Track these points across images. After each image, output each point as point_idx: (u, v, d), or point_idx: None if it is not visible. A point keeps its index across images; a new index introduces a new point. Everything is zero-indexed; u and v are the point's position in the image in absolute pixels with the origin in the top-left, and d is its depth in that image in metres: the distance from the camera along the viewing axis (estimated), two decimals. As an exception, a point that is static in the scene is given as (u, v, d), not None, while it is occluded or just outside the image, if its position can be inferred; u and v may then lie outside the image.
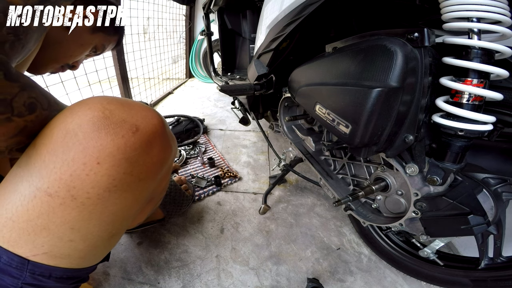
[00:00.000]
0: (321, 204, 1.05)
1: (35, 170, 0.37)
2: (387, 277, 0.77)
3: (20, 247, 0.37)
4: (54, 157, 0.36)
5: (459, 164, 0.46)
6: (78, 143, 0.36)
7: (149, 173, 0.43)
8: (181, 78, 2.94)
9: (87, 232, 0.40)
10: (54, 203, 0.36)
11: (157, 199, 0.64)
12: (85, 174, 0.36)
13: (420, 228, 0.55)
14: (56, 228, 0.38)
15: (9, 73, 0.31)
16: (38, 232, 0.37)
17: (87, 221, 0.39)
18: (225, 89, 0.90)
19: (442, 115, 0.44)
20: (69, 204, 0.37)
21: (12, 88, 0.32)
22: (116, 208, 0.41)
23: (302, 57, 0.73)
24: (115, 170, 0.38)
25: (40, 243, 0.38)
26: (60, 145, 0.36)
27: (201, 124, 1.59)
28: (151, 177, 0.44)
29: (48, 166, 0.36)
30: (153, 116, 0.43)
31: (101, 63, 1.47)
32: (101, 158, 0.36)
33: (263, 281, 0.74)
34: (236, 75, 1.51)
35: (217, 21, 1.50)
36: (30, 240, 0.37)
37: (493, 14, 0.37)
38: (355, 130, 0.48)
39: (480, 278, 0.59)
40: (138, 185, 0.42)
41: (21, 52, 0.35)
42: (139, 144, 0.39)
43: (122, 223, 0.46)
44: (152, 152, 0.42)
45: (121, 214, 0.43)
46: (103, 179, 0.37)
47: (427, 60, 0.42)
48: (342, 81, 0.52)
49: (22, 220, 0.37)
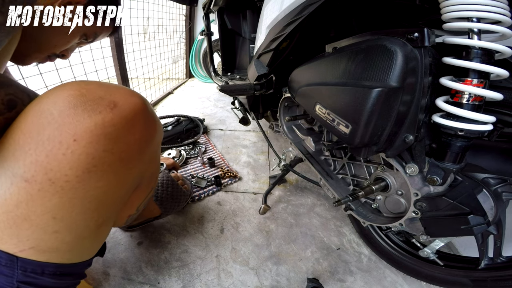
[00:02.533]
0: (321, 204, 1.05)
1: (9, 155, 0.34)
2: (387, 277, 0.77)
3: (4, 242, 0.36)
4: (29, 138, 0.34)
5: (459, 164, 0.46)
6: (53, 121, 0.34)
7: (132, 152, 0.41)
8: (181, 78, 2.94)
9: (71, 222, 0.38)
10: (32, 189, 0.34)
11: (147, 187, 0.57)
12: (62, 153, 0.34)
13: (420, 228, 0.55)
14: (38, 218, 0.36)
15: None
16: (19, 224, 0.35)
17: (70, 209, 0.37)
18: (225, 89, 0.90)
19: (442, 115, 0.44)
20: (47, 189, 0.34)
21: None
22: (99, 192, 0.38)
23: (302, 57, 0.73)
24: (94, 147, 0.35)
25: (25, 236, 0.36)
26: (35, 125, 0.34)
27: (201, 124, 1.59)
28: (134, 157, 0.42)
29: (23, 148, 0.34)
30: (132, 94, 0.41)
31: (101, 63, 1.47)
32: (78, 135, 0.34)
33: (263, 281, 0.74)
34: (236, 75, 1.51)
35: (217, 21, 1.50)
36: (13, 234, 0.35)
37: (493, 14, 0.37)
38: (355, 130, 0.48)
39: (480, 278, 0.59)
40: (120, 166, 0.39)
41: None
42: (117, 120, 0.37)
43: (108, 209, 0.43)
44: (134, 130, 0.40)
45: (105, 199, 0.40)
46: (81, 158, 0.35)
47: (427, 60, 0.42)
48: (342, 81, 0.52)
49: (1, 212, 0.35)
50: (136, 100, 0.40)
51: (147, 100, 0.44)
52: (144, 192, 0.56)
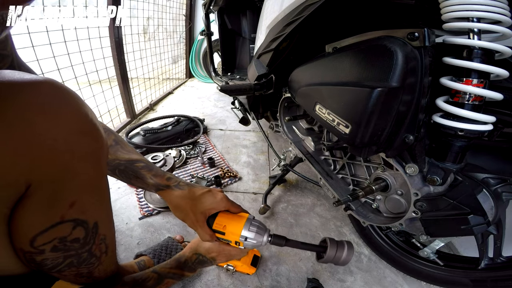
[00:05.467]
0: (321, 204, 1.05)
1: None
2: (387, 277, 0.77)
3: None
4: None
5: (459, 164, 0.46)
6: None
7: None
8: (181, 78, 2.94)
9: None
10: None
11: (46, 205, 0.34)
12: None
13: (420, 228, 0.55)
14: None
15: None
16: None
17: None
18: (225, 89, 0.90)
19: (442, 115, 0.44)
20: None
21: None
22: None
23: (302, 57, 0.73)
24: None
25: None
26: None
27: (201, 124, 1.59)
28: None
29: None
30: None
31: (101, 63, 1.47)
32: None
33: (263, 281, 0.74)
34: (236, 75, 1.51)
35: (217, 21, 1.50)
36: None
37: (493, 14, 0.37)
38: (355, 130, 0.48)
39: (480, 278, 0.59)
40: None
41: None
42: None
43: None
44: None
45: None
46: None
47: (427, 60, 0.42)
48: (342, 81, 0.52)
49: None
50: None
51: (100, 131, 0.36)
52: (40, 212, 0.34)
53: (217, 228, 0.55)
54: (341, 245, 0.52)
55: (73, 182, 0.35)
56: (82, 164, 0.35)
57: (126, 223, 0.91)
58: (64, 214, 0.35)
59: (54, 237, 0.35)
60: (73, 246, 0.38)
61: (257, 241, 0.54)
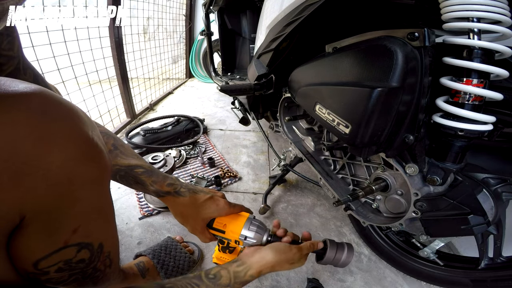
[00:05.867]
0: (321, 204, 1.05)
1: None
2: (387, 277, 0.77)
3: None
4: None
5: (459, 164, 0.46)
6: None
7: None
8: (181, 78, 2.94)
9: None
10: None
11: (47, 231, 0.32)
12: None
13: (420, 228, 0.55)
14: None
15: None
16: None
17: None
18: (225, 89, 0.90)
19: (442, 115, 0.44)
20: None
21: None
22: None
23: (302, 57, 0.73)
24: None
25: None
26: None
27: (201, 124, 1.59)
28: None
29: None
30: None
31: (101, 63, 1.47)
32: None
33: (263, 281, 0.74)
34: (236, 75, 1.51)
35: (217, 21, 1.50)
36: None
37: (493, 14, 0.37)
38: (355, 130, 0.48)
39: (480, 278, 0.59)
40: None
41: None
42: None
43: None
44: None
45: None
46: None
47: (427, 60, 0.42)
48: (342, 81, 0.52)
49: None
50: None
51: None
52: (40, 239, 0.32)
53: (217, 226, 0.56)
54: (341, 247, 0.52)
55: (74, 209, 0.32)
56: (83, 192, 0.32)
57: (126, 223, 0.91)
58: (68, 240, 0.33)
59: (58, 260, 0.34)
60: (79, 266, 0.36)
61: (256, 240, 0.54)
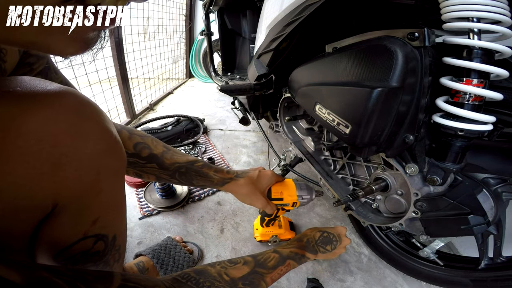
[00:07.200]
0: (321, 204, 1.05)
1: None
2: (387, 277, 0.77)
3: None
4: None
5: (459, 164, 0.46)
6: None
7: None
8: (181, 78, 2.94)
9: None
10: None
11: (75, 220, 0.34)
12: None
13: (420, 228, 0.55)
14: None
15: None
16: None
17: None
18: (225, 89, 0.90)
19: (442, 115, 0.44)
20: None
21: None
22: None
23: (302, 57, 0.73)
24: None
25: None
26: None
27: (201, 124, 1.59)
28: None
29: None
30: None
31: (101, 63, 1.47)
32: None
33: (263, 281, 0.74)
34: (236, 75, 1.51)
35: (217, 21, 1.50)
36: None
37: (493, 14, 0.37)
38: (355, 130, 0.48)
39: (480, 278, 0.59)
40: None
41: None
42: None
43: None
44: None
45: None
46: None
47: (427, 60, 0.42)
48: (342, 81, 0.52)
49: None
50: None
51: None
52: (65, 229, 0.33)
53: (276, 196, 0.68)
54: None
55: (97, 200, 0.34)
56: (106, 183, 0.35)
57: (126, 223, 0.91)
58: (87, 231, 0.35)
59: (76, 252, 0.35)
60: (93, 258, 0.38)
61: (310, 196, 0.68)
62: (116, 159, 0.35)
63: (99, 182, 0.33)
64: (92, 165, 0.32)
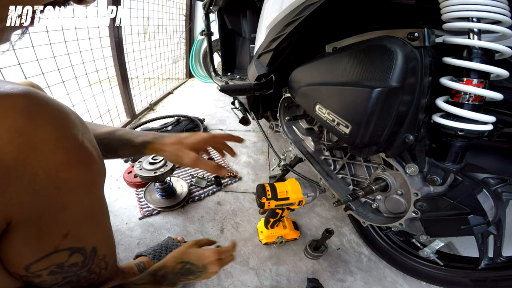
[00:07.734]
0: (321, 204, 1.05)
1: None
2: (387, 277, 0.77)
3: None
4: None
5: (459, 164, 0.46)
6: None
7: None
8: (181, 78, 2.94)
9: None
10: None
11: (41, 238, 0.32)
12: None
13: (420, 228, 0.55)
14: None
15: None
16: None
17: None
18: (225, 89, 0.90)
19: (442, 115, 0.44)
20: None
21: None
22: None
23: (302, 57, 0.73)
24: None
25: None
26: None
27: (201, 124, 1.59)
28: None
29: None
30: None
31: (101, 63, 1.47)
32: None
33: (263, 281, 0.74)
34: (236, 75, 1.51)
35: (217, 21, 1.50)
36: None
37: (493, 14, 0.37)
38: (355, 130, 0.48)
39: (480, 278, 0.59)
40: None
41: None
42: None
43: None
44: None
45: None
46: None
47: (427, 60, 0.42)
48: (342, 81, 0.52)
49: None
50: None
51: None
52: (28, 244, 0.32)
53: (282, 195, 0.67)
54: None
55: (63, 214, 0.31)
56: (72, 197, 0.31)
57: (126, 223, 0.91)
58: (58, 245, 0.33)
59: (50, 264, 0.34)
60: (71, 269, 0.36)
61: (314, 193, 0.68)
62: (83, 169, 0.31)
63: (62, 196, 0.30)
64: (49, 179, 0.28)
